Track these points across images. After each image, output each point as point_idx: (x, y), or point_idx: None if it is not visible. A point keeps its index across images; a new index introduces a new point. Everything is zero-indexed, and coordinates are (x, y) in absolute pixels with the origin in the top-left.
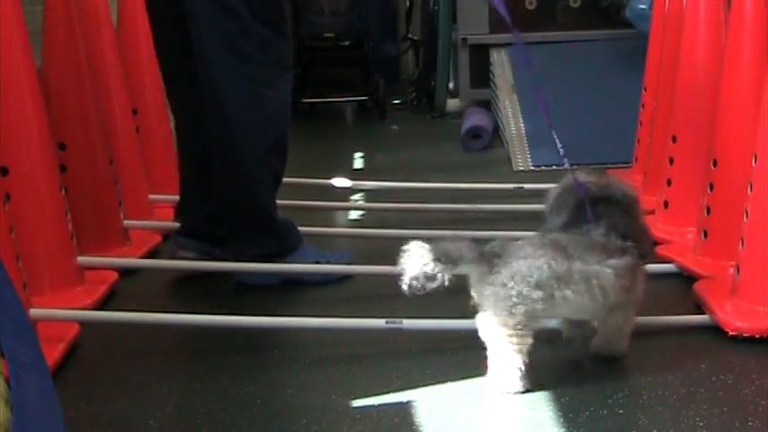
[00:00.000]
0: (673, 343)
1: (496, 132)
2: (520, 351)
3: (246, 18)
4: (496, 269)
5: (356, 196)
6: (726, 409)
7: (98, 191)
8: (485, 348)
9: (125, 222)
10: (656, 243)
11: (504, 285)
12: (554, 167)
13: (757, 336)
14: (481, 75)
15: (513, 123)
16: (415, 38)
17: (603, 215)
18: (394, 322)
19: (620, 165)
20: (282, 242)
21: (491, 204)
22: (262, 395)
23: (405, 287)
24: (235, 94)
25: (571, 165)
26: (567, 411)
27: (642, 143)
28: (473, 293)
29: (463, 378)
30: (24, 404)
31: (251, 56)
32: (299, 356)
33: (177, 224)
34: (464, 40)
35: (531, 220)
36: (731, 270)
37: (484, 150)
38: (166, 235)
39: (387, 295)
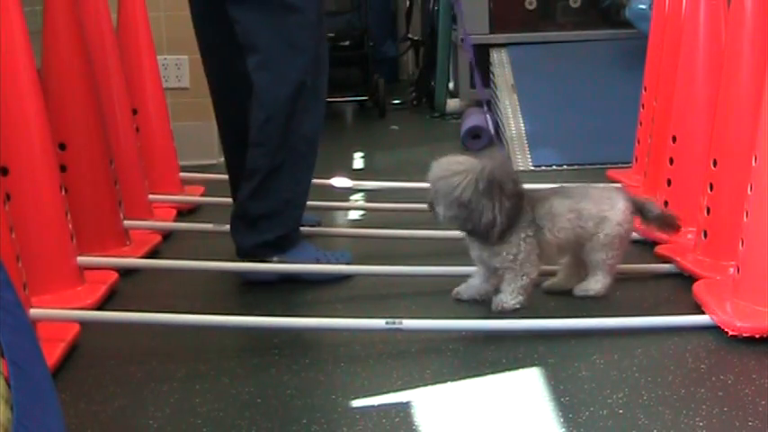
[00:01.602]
0: (673, 343)
1: (496, 132)
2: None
3: (308, 12)
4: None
5: (356, 196)
6: (726, 409)
7: (98, 191)
8: (485, 348)
9: (125, 222)
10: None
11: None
12: (554, 167)
13: (757, 336)
14: (481, 75)
15: (513, 123)
16: (415, 38)
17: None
18: (394, 322)
19: (620, 165)
20: (288, 234)
21: None
22: (262, 395)
23: None
24: (290, 87)
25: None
26: (566, 411)
27: (642, 143)
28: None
29: (463, 378)
30: (24, 404)
31: (307, 49)
32: (299, 356)
33: (177, 224)
34: (464, 40)
35: None
36: (731, 270)
37: (484, 150)
38: (166, 235)
39: (387, 295)
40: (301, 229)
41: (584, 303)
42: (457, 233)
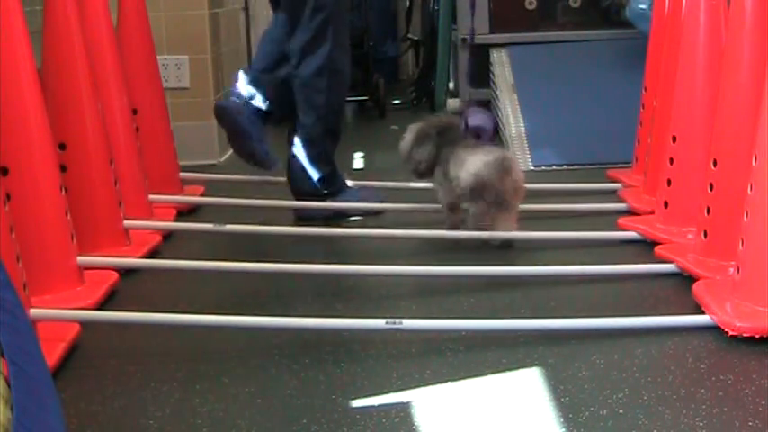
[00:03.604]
0: (673, 343)
1: (497, 132)
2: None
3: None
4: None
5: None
6: (726, 409)
7: (98, 191)
8: (485, 348)
9: (125, 222)
10: None
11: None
12: (554, 167)
13: (757, 336)
14: (481, 75)
15: (513, 123)
16: (415, 38)
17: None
18: (394, 322)
19: (620, 165)
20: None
21: None
22: (262, 395)
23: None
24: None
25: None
26: (567, 411)
27: (642, 143)
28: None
29: (463, 378)
30: (24, 404)
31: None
32: (299, 356)
33: (177, 224)
34: (464, 40)
35: (530, 220)
36: (731, 270)
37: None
38: (166, 235)
39: (387, 295)
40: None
41: (584, 303)
42: (457, 233)
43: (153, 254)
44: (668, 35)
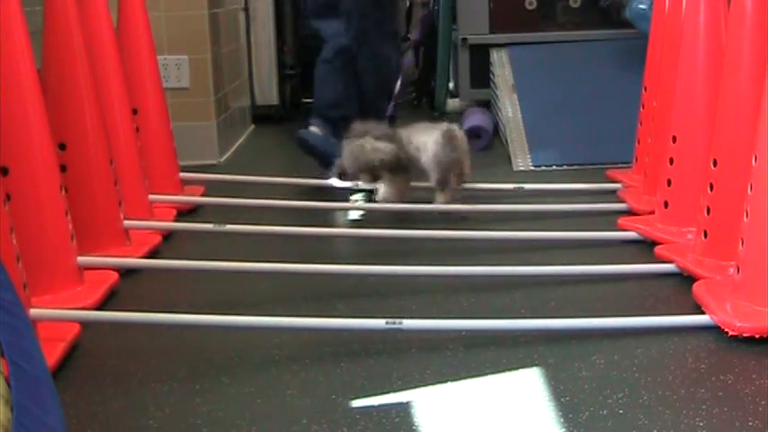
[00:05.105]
0: (673, 343)
1: (496, 132)
2: None
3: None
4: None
5: (356, 196)
6: (726, 409)
7: (98, 191)
8: (485, 348)
9: (125, 222)
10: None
11: None
12: (554, 167)
13: (757, 336)
14: (481, 75)
15: (513, 124)
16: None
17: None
18: (394, 322)
19: (620, 165)
20: None
21: (491, 204)
22: (262, 395)
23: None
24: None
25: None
26: (567, 411)
27: (642, 143)
28: None
29: (463, 378)
30: (24, 404)
31: None
32: (299, 356)
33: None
34: (464, 40)
35: (531, 220)
36: (731, 270)
37: (484, 150)
38: (166, 235)
39: (387, 295)
40: None
41: (584, 303)
42: (458, 233)
43: (153, 254)
44: (668, 35)
